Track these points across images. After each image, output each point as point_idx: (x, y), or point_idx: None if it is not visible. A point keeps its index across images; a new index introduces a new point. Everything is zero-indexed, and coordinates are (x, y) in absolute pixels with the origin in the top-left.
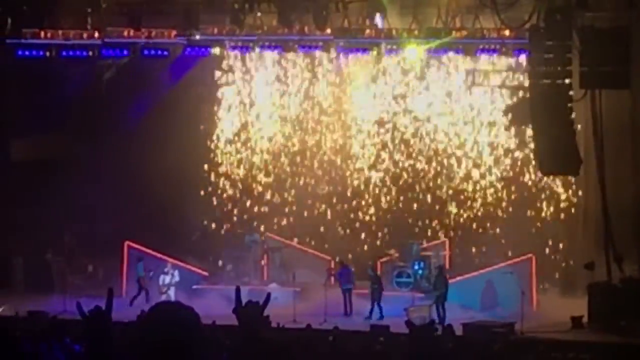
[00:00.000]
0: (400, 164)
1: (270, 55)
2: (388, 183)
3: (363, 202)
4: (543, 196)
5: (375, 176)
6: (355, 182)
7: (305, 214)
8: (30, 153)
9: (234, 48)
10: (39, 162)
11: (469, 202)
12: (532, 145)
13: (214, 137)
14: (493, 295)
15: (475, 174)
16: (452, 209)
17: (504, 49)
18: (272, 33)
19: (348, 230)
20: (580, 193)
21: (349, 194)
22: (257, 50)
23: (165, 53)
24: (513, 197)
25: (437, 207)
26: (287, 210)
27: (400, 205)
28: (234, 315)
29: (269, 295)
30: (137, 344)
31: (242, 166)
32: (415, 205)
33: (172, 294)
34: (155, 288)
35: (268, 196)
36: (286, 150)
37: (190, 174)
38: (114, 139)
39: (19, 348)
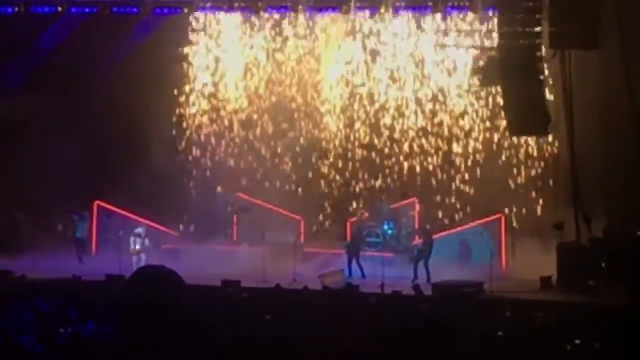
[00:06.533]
0: (369, 120)
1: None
2: (357, 139)
3: (328, 161)
4: (512, 154)
5: (345, 133)
6: (326, 140)
7: (277, 171)
8: None
9: (202, 9)
10: (6, 122)
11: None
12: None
13: (183, 96)
14: (467, 254)
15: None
16: (427, 166)
17: (473, 6)
18: None
19: (315, 188)
20: (551, 151)
21: (319, 152)
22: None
23: (135, 10)
24: (484, 155)
25: (408, 165)
26: (259, 168)
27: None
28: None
29: None
30: (124, 305)
31: (212, 124)
32: (385, 163)
33: (143, 257)
34: (125, 249)
35: (237, 154)
36: (257, 108)
37: (159, 132)
38: (83, 97)
39: None
